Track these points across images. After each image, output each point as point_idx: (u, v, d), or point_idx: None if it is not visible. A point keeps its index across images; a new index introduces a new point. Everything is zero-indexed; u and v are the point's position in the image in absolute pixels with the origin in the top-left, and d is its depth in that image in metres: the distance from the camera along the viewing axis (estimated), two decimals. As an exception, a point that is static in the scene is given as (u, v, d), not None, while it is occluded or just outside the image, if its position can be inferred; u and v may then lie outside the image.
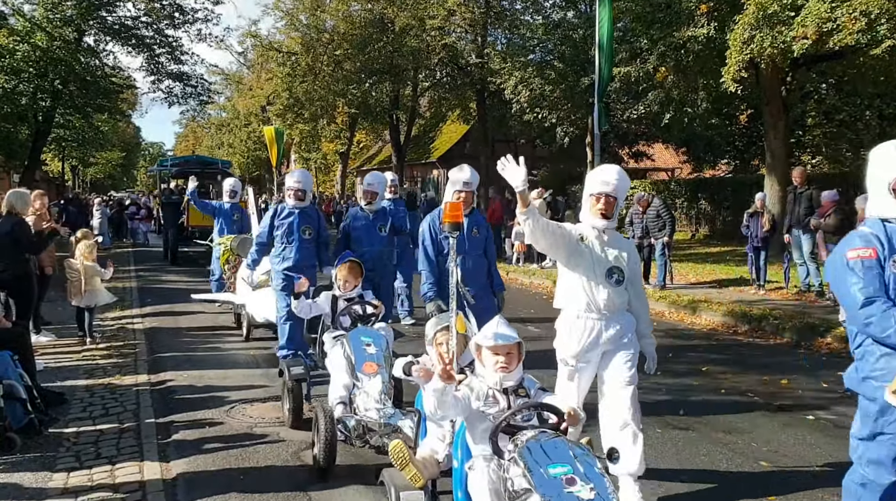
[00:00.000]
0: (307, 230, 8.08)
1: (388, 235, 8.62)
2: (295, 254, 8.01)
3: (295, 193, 8.11)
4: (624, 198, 4.79)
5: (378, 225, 8.51)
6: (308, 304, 6.19)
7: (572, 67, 20.68)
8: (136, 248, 26.90)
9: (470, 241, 6.49)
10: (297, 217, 8.07)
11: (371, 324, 5.91)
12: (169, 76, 29.53)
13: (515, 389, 3.53)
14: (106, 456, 5.62)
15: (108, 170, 72.31)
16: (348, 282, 6.19)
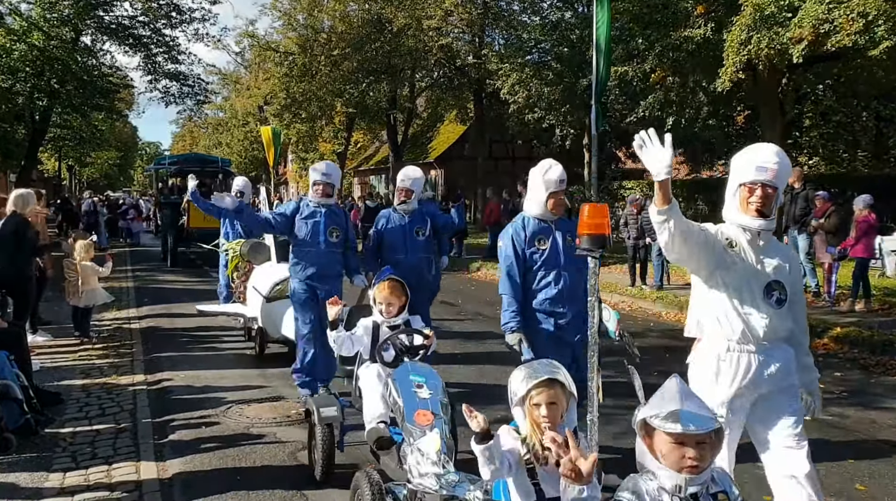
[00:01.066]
0: (334, 232, 6.96)
1: (426, 240, 7.35)
2: (320, 260, 6.89)
3: (322, 188, 6.97)
4: (784, 188, 3.73)
5: (415, 228, 7.26)
6: (347, 337, 4.81)
7: (570, 68, 20.68)
8: (130, 247, 26.86)
9: (566, 253, 5.11)
10: (324, 217, 6.93)
11: (421, 358, 4.68)
12: (166, 76, 29.52)
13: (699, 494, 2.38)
14: (102, 456, 5.61)
15: (105, 170, 72.22)
16: (391, 305, 4.90)
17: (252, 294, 9.13)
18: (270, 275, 8.70)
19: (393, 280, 4.97)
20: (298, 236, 6.96)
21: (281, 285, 8.24)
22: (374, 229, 7.43)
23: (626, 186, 27.54)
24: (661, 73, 17.32)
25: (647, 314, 12.46)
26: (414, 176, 7.36)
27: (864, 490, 4.98)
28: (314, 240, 6.91)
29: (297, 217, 6.97)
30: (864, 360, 8.77)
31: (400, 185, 7.41)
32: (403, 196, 7.31)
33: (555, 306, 5.10)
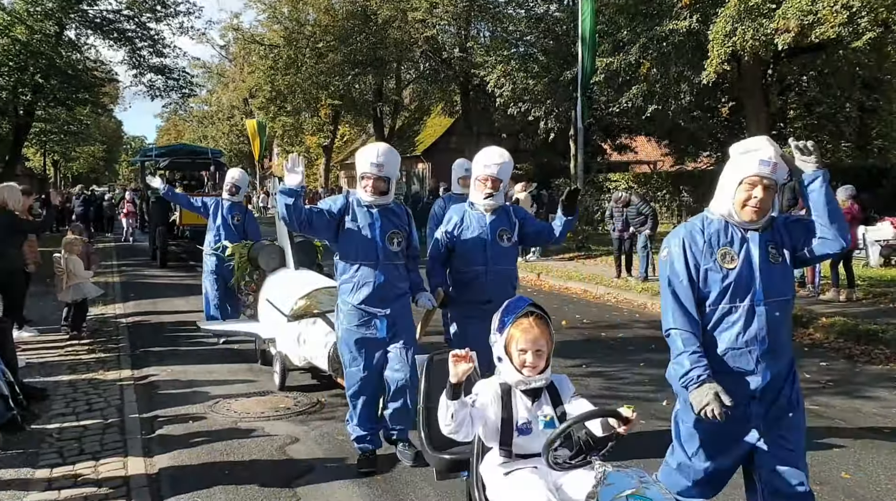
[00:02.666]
0: (395, 238, 5.18)
1: (513, 248, 5.46)
2: (378, 276, 5.12)
3: (373, 184, 5.07)
4: None
5: (500, 231, 5.32)
6: (467, 411, 2.98)
7: (555, 61, 20.71)
8: (117, 243, 26.71)
9: (767, 277, 3.37)
10: (380, 220, 5.16)
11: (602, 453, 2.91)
12: (151, 69, 29.33)
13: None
14: (89, 452, 5.59)
15: (91, 164, 71.76)
16: (539, 354, 3.05)
17: (266, 310, 7.65)
18: (291, 287, 7.35)
19: (538, 315, 3.11)
20: (347, 244, 5.18)
21: (307, 301, 6.93)
22: (444, 230, 5.43)
23: (612, 179, 27.63)
24: (646, 65, 17.37)
25: (633, 305, 12.52)
26: (501, 160, 5.29)
27: (848, 477, 5.04)
28: (369, 250, 5.11)
29: (346, 218, 5.16)
30: (848, 349, 8.86)
31: (483, 172, 5.30)
32: (490, 187, 5.27)
33: (740, 360, 3.35)
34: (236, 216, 9.62)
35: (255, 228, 9.82)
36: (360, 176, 5.11)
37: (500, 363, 3.12)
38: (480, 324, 4.71)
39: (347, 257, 5.17)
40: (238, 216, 9.65)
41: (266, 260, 8.24)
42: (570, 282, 14.82)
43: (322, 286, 7.19)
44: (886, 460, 5.37)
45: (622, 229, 14.34)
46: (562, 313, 11.56)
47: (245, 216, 9.76)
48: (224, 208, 9.65)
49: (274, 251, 8.31)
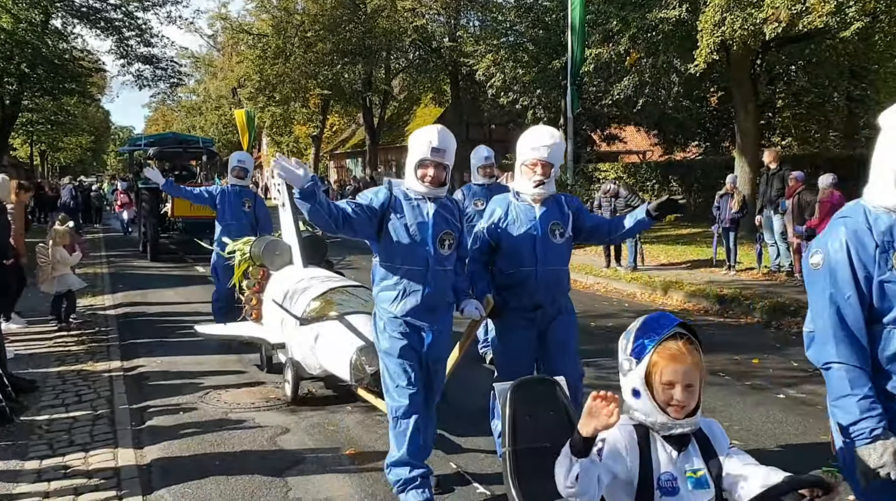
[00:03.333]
0: (447, 240, 4.37)
1: (567, 244, 4.69)
2: (428, 284, 4.32)
3: (434, 170, 4.30)
4: None
5: (551, 225, 4.57)
6: (597, 471, 2.21)
7: (545, 50, 20.71)
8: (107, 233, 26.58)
9: None
10: (434, 217, 4.35)
11: None
12: (139, 59, 29.16)
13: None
14: (79, 443, 5.58)
15: (78, 155, 71.26)
16: (691, 387, 2.33)
17: (273, 312, 6.89)
18: (302, 287, 6.65)
19: (688, 338, 2.37)
20: (391, 246, 4.34)
21: (322, 302, 6.25)
22: (486, 225, 4.68)
23: (601, 169, 27.66)
24: (635, 55, 17.38)
25: (622, 294, 12.57)
26: (552, 140, 4.51)
27: (833, 464, 5.08)
28: (417, 254, 4.30)
29: (391, 213, 4.33)
30: (835, 338, 8.89)
31: (531, 155, 4.54)
32: (540, 173, 4.50)
33: None
34: (247, 202, 8.92)
35: (265, 214, 9.13)
36: (418, 163, 4.27)
37: (636, 399, 2.32)
38: (526, 334, 4.57)
39: (391, 261, 4.34)
40: (248, 202, 8.93)
41: (270, 257, 7.40)
42: (559, 272, 14.83)
43: (338, 286, 6.53)
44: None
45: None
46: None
47: (255, 202, 9.06)
48: (231, 194, 8.90)
49: (279, 247, 7.49)
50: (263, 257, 7.43)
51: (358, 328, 5.70)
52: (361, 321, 5.73)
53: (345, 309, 6.04)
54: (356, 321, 5.81)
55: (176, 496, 4.65)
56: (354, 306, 6.14)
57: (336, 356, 5.67)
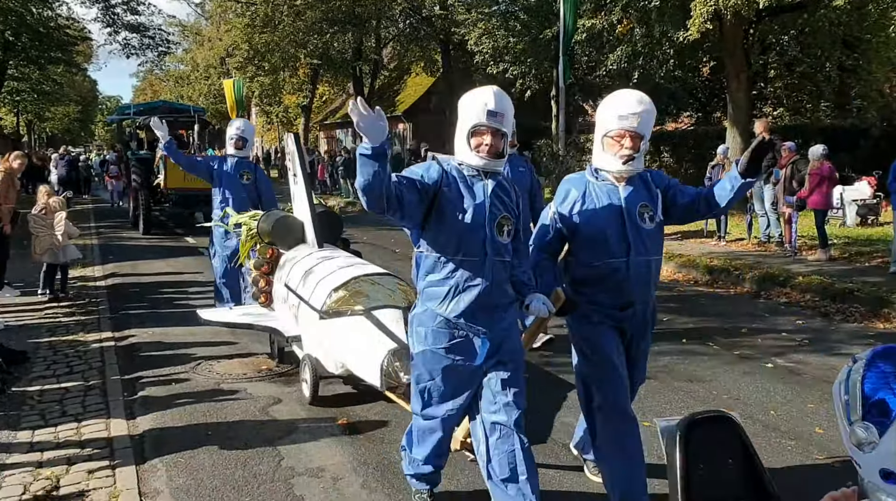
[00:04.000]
0: (506, 226, 3.64)
1: (658, 229, 3.88)
2: (486, 279, 3.60)
3: (492, 139, 3.57)
4: None
5: (639, 207, 3.79)
6: None
7: (536, 19, 20.53)
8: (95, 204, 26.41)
9: None
10: (491, 197, 3.62)
11: None
12: (125, 27, 28.80)
13: None
14: (72, 414, 5.59)
15: (65, 125, 70.56)
16: None
17: (285, 297, 6.32)
18: (321, 272, 5.86)
19: None
20: (441, 232, 3.58)
21: (346, 292, 5.51)
22: (557, 209, 3.89)
23: (593, 140, 27.60)
24: (627, 24, 17.25)
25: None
26: (642, 107, 3.66)
27: (822, 432, 5.15)
28: (474, 241, 3.56)
29: (443, 195, 3.56)
30: (824, 308, 8.99)
31: (617, 125, 3.69)
32: (629, 147, 3.68)
33: None
34: (245, 175, 8.03)
35: (268, 188, 8.28)
36: (471, 130, 3.53)
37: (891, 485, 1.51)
38: (612, 336, 3.85)
39: (442, 251, 3.59)
40: (248, 175, 8.05)
41: (281, 235, 6.65)
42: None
43: (364, 274, 5.75)
44: (859, 415, 5.49)
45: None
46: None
47: (256, 174, 8.19)
48: (229, 165, 8.02)
49: (290, 224, 6.75)
50: (273, 235, 6.63)
51: (388, 325, 5.12)
52: (392, 318, 5.20)
53: (372, 303, 5.38)
54: (386, 317, 5.22)
55: (169, 465, 4.68)
56: (382, 298, 5.45)
57: (363, 358, 5.04)
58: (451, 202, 3.56)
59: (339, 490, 4.33)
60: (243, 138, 8.10)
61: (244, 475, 4.53)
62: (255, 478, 4.48)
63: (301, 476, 4.51)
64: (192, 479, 4.48)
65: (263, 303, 6.78)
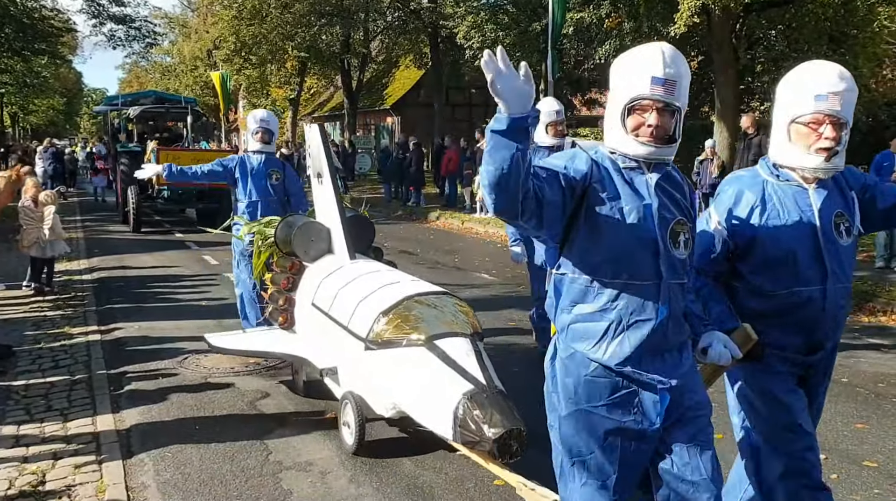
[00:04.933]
0: (681, 232, 2.66)
1: (854, 244, 3.07)
2: (662, 309, 2.61)
3: (658, 115, 2.56)
4: None
5: (834, 216, 2.93)
6: None
7: (525, 12, 20.53)
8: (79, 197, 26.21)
9: None
10: (657, 195, 2.63)
11: None
12: (111, 19, 28.57)
13: None
14: (57, 408, 5.55)
15: (50, 117, 70.01)
16: None
17: (310, 318, 5.41)
18: (361, 291, 4.87)
19: None
20: (595, 244, 2.61)
21: (397, 317, 4.47)
22: (727, 216, 2.97)
23: (581, 134, 27.62)
24: (616, 18, 17.26)
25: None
26: (844, 84, 2.81)
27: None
28: (643, 257, 2.60)
29: (595, 194, 2.59)
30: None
31: (814, 107, 2.79)
32: (831, 136, 2.82)
33: None
34: (274, 174, 6.94)
35: (298, 188, 7.24)
36: (629, 104, 2.55)
37: None
38: (797, 388, 3.01)
39: (596, 271, 2.61)
40: (277, 174, 6.96)
41: (303, 244, 5.65)
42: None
43: (417, 293, 4.70)
44: (843, 407, 5.54)
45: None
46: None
47: (285, 173, 7.08)
48: (255, 164, 6.92)
49: (314, 231, 5.73)
50: (294, 244, 5.64)
51: (458, 360, 4.11)
52: (461, 349, 4.20)
53: (433, 330, 4.35)
54: (453, 348, 4.20)
55: (156, 460, 4.66)
56: (444, 324, 4.43)
57: (428, 402, 4.09)
58: (608, 203, 2.58)
59: (328, 484, 4.33)
60: (269, 131, 7.03)
61: (232, 469, 4.52)
62: (243, 472, 4.47)
63: (289, 471, 4.50)
64: (179, 473, 4.46)
65: (283, 324, 5.82)
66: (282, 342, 5.72)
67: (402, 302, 4.56)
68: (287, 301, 5.79)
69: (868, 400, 5.69)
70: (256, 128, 6.98)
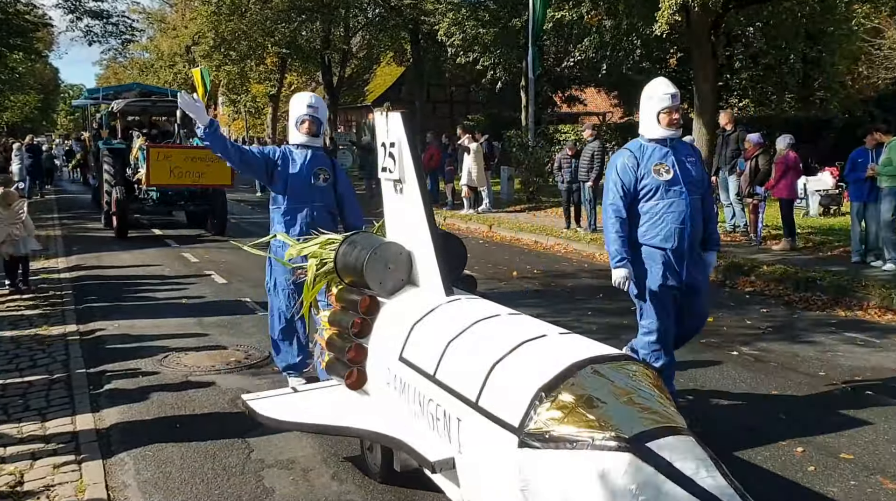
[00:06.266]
0: None
1: None
2: None
3: None
4: None
5: None
6: None
7: (505, 9, 20.56)
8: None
9: None
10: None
11: None
12: (87, 14, 28.22)
13: None
14: (35, 408, 5.50)
15: (26, 113, 69.17)
16: None
17: (403, 381, 3.82)
18: (496, 348, 3.29)
19: None
20: None
21: (567, 399, 2.86)
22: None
23: (562, 130, 27.71)
24: (596, 15, 17.31)
25: (581, 255, 12.69)
26: None
27: (784, 417, 5.25)
28: None
29: None
30: (787, 297, 9.14)
31: None
32: None
33: None
34: (321, 174, 5.51)
35: (351, 194, 5.77)
36: None
37: None
38: None
39: None
40: (325, 173, 5.53)
41: (379, 272, 4.17)
42: (521, 233, 14.92)
43: (589, 358, 3.05)
44: (819, 400, 5.62)
45: (570, 180, 14.41)
46: (513, 263, 11.73)
47: (335, 173, 5.66)
48: (299, 161, 5.48)
49: (393, 254, 4.25)
50: (367, 273, 4.11)
51: (692, 474, 2.60)
52: (688, 457, 2.67)
53: (634, 423, 2.75)
54: (677, 455, 2.66)
55: (136, 459, 4.63)
56: (647, 414, 2.83)
57: None
58: None
59: (310, 482, 4.32)
60: (317, 120, 5.52)
61: (213, 467, 4.50)
62: (225, 471, 4.45)
63: (271, 469, 4.49)
64: (160, 472, 4.44)
65: (353, 385, 4.25)
66: (358, 412, 4.11)
67: (573, 373, 2.91)
68: (357, 352, 4.20)
69: (845, 393, 5.77)
70: (303, 115, 5.50)
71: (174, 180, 13.84)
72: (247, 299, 9.17)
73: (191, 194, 15.10)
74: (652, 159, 5.08)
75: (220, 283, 10.27)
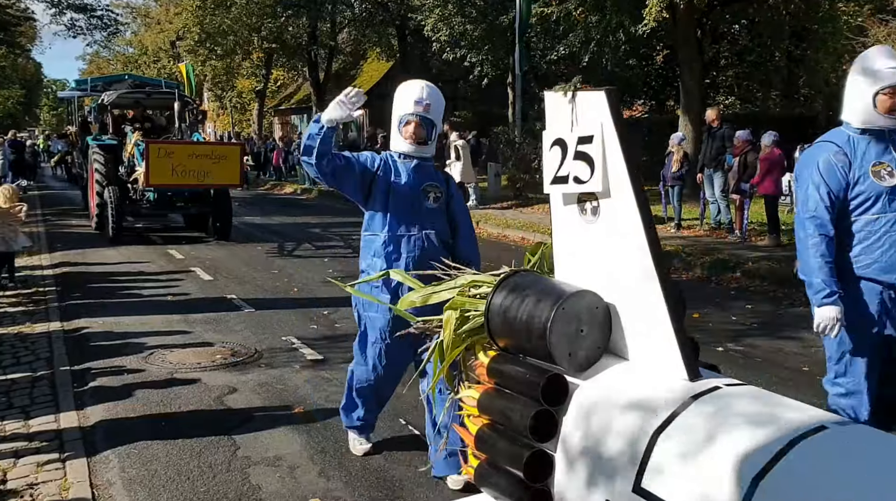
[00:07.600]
0: None
1: None
2: None
3: None
4: None
5: None
6: None
7: (492, 5, 20.58)
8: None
9: None
10: None
11: None
12: (71, 7, 28.00)
13: None
14: (18, 406, 5.45)
15: (8, 109, 68.62)
16: None
17: None
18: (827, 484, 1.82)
19: None
20: None
21: None
22: None
23: (548, 126, 27.81)
24: (582, 12, 17.36)
25: (570, 251, 12.71)
26: None
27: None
28: None
29: None
30: (772, 293, 9.19)
31: None
32: None
33: None
34: (432, 192, 4.21)
35: (466, 216, 4.48)
36: None
37: None
38: None
39: None
40: (435, 191, 4.22)
41: (569, 338, 2.56)
42: (507, 230, 14.93)
43: None
44: (804, 396, 5.63)
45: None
46: (500, 260, 11.70)
47: (448, 190, 4.31)
48: (403, 173, 4.17)
49: (586, 308, 2.63)
50: (552, 339, 2.51)
51: None
52: None
53: None
54: None
55: (121, 457, 4.59)
56: None
57: None
58: None
59: (297, 479, 4.31)
60: (428, 121, 4.13)
61: (199, 465, 4.47)
62: (211, 468, 4.43)
63: (257, 466, 4.47)
64: (145, 470, 4.41)
65: None
66: None
67: None
68: (541, 462, 2.60)
69: (829, 389, 5.80)
70: (407, 115, 4.10)
71: (177, 180, 12.46)
72: (232, 295, 9.13)
73: (191, 194, 13.69)
74: (868, 158, 3.60)
75: (206, 279, 10.22)
